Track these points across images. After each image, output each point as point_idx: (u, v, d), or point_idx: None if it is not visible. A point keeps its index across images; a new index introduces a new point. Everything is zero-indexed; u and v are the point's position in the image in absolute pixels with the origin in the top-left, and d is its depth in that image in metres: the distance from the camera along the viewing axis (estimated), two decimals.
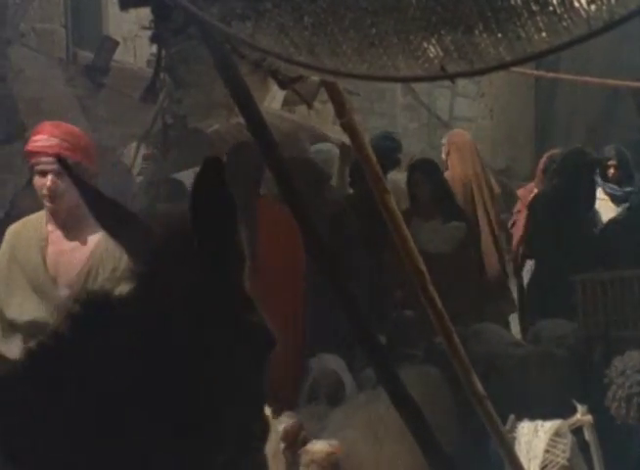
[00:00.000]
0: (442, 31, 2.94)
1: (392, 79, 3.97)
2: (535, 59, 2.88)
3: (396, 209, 3.78)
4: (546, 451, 5.01)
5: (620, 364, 5.39)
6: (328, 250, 3.67)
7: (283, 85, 3.91)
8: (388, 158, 8.28)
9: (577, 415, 5.14)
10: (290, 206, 3.71)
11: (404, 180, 7.82)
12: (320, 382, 5.93)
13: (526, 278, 8.23)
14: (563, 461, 5.00)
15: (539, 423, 5.11)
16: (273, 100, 8.69)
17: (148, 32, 3.95)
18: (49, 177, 4.62)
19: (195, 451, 1.77)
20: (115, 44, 8.82)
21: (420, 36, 2.98)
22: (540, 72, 12.00)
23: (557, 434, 5.05)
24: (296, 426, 5.15)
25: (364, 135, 3.94)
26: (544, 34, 2.75)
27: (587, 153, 8.07)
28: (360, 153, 3.82)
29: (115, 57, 8.81)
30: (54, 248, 4.74)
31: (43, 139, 4.71)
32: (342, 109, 3.76)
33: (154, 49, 4.11)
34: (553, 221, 7.67)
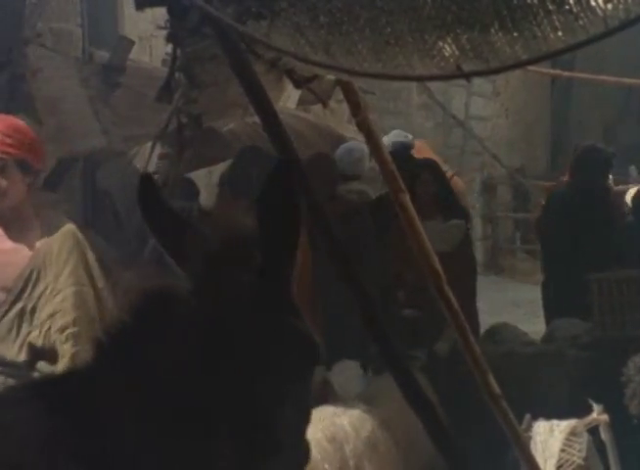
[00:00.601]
0: (458, 30, 2.93)
1: (408, 78, 3.97)
2: (551, 58, 2.88)
3: (412, 208, 3.78)
4: (562, 451, 5.00)
5: (638, 362, 5.38)
6: (342, 250, 3.66)
7: (298, 84, 3.91)
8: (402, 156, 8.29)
9: (593, 414, 5.13)
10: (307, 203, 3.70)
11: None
12: None
13: None
14: (579, 461, 4.99)
15: (555, 422, 5.10)
16: (288, 99, 8.69)
17: (163, 32, 3.96)
18: None
19: (245, 454, 1.80)
20: (131, 44, 8.83)
21: (435, 35, 2.98)
22: (556, 71, 11.98)
23: (573, 433, 5.04)
24: None
25: (379, 134, 3.94)
26: (560, 33, 2.74)
27: (601, 149, 8.04)
28: (375, 152, 3.82)
29: (131, 56, 8.82)
30: None
31: None
32: (357, 108, 3.76)
33: (169, 48, 4.11)
34: (568, 220, 7.65)
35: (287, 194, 1.82)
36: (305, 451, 1.92)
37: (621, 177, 10.98)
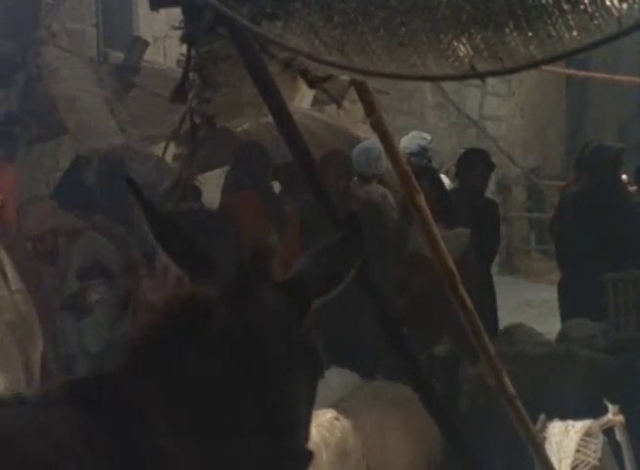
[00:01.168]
0: (472, 30, 2.93)
1: (422, 78, 3.97)
2: (566, 57, 2.87)
3: (427, 208, 3.78)
4: (577, 451, 4.99)
5: None
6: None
7: (312, 84, 3.91)
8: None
9: (609, 415, 5.11)
10: (317, 202, 3.71)
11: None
12: None
13: None
14: (594, 461, 4.98)
15: (570, 423, 5.08)
16: (302, 99, 8.69)
17: (178, 32, 3.96)
18: None
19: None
20: (146, 44, 8.85)
21: (450, 35, 2.97)
22: (571, 71, 11.95)
23: (588, 434, 5.03)
24: None
25: (393, 134, 3.94)
26: (575, 33, 2.74)
27: (609, 146, 8.00)
28: (389, 152, 3.82)
29: (146, 57, 8.83)
30: None
31: None
32: (371, 108, 3.76)
33: (184, 49, 4.12)
34: (582, 219, 7.62)
35: (357, 244, 2.04)
36: (308, 455, 1.98)
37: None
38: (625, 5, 2.70)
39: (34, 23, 8.04)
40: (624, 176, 8.35)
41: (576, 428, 5.05)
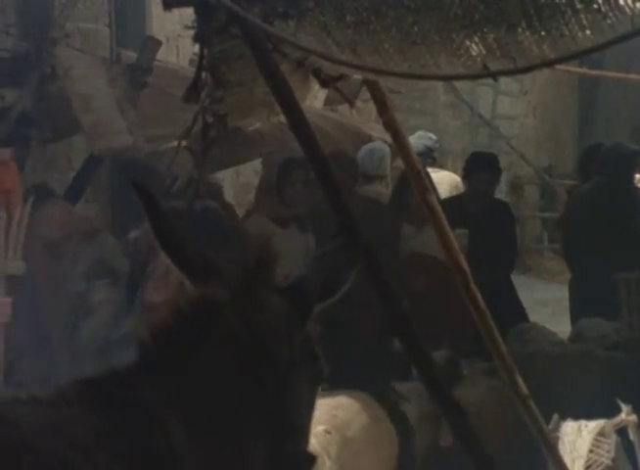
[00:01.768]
0: (485, 29, 2.93)
1: (434, 77, 3.97)
2: (579, 56, 2.87)
3: (439, 207, 3.78)
4: (590, 451, 4.98)
5: None
6: (370, 249, 3.66)
7: (325, 84, 3.92)
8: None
9: (622, 415, 5.11)
10: (331, 202, 3.70)
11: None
12: None
13: None
14: (607, 461, 4.97)
15: (583, 423, 5.07)
16: (315, 99, 8.67)
17: (191, 32, 3.96)
18: None
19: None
20: (158, 44, 8.84)
21: (462, 34, 2.97)
22: (584, 70, 11.91)
23: (601, 434, 5.02)
24: None
25: (406, 134, 3.94)
26: (588, 32, 2.73)
27: (625, 146, 7.99)
28: (402, 151, 3.82)
29: (158, 56, 8.83)
30: None
31: None
32: (383, 107, 3.76)
33: (196, 48, 4.12)
34: (594, 219, 7.60)
35: (355, 255, 2.06)
36: (311, 458, 2.00)
37: None
38: (639, 4, 2.69)
39: (48, 22, 8.05)
40: (638, 176, 8.33)
41: (590, 428, 5.04)
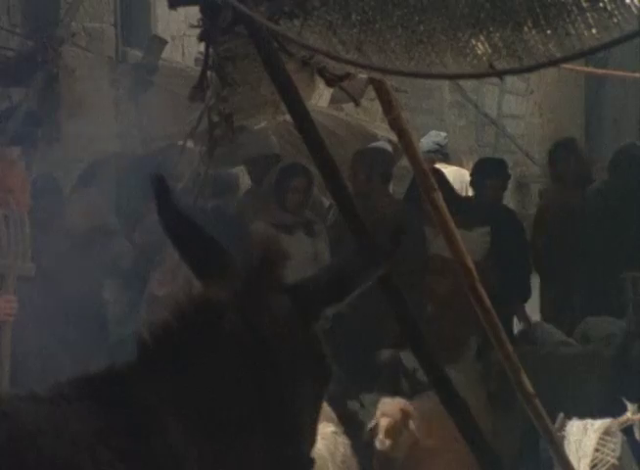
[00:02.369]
0: (491, 28, 2.92)
1: (440, 76, 3.96)
2: (585, 55, 2.86)
3: (444, 207, 3.77)
4: (596, 450, 4.97)
5: None
6: (380, 248, 3.64)
7: (330, 83, 3.91)
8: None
9: (628, 414, 5.10)
10: (337, 203, 3.70)
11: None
12: None
13: None
14: (613, 460, 4.96)
15: (589, 422, 5.06)
16: (320, 98, 8.69)
17: (196, 31, 3.96)
18: None
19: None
20: (164, 43, 8.86)
21: (468, 33, 2.97)
22: (590, 69, 11.90)
23: (607, 433, 5.01)
24: None
25: (412, 132, 3.93)
26: (594, 31, 2.73)
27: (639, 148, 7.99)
28: (407, 150, 3.81)
29: (164, 55, 8.85)
30: None
31: None
32: (389, 106, 3.76)
33: (202, 48, 4.12)
34: (604, 217, 7.59)
35: (373, 259, 2.04)
36: (309, 462, 1.99)
37: None
38: None
39: (54, 22, 8.07)
40: None
41: (595, 427, 5.03)
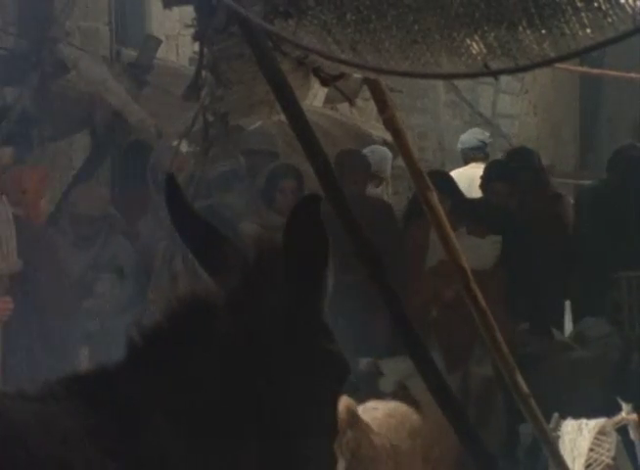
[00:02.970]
0: (486, 28, 2.92)
1: (435, 76, 3.96)
2: (580, 55, 2.86)
3: (439, 206, 3.77)
4: (590, 450, 4.97)
5: None
6: (372, 249, 3.65)
7: (325, 82, 3.91)
8: None
9: (622, 414, 5.10)
10: (331, 203, 3.70)
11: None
12: None
13: None
14: (607, 460, 4.96)
15: (584, 421, 5.07)
16: (315, 97, 8.68)
17: (191, 30, 3.97)
18: None
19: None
20: (158, 42, 8.85)
21: (463, 33, 2.97)
22: (585, 69, 11.90)
23: (601, 432, 5.01)
24: None
25: (406, 132, 3.93)
26: (589, 30, 2.73)
27: (638, 148, 7.99)
28: (402, 149, 3.81)
29: (158, 55, 8.84)
30: None
31: None
32: (384, 106, 3.76)
33: (196, 47, 4.12)
34: (600, 217, 7.59)
35: (316, 227, 1.87)
36: (332, 457, 1.95)
37: None
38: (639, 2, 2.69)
39: (48, 21, 8.06)
40: None
41: (590, 426, 5.03)
